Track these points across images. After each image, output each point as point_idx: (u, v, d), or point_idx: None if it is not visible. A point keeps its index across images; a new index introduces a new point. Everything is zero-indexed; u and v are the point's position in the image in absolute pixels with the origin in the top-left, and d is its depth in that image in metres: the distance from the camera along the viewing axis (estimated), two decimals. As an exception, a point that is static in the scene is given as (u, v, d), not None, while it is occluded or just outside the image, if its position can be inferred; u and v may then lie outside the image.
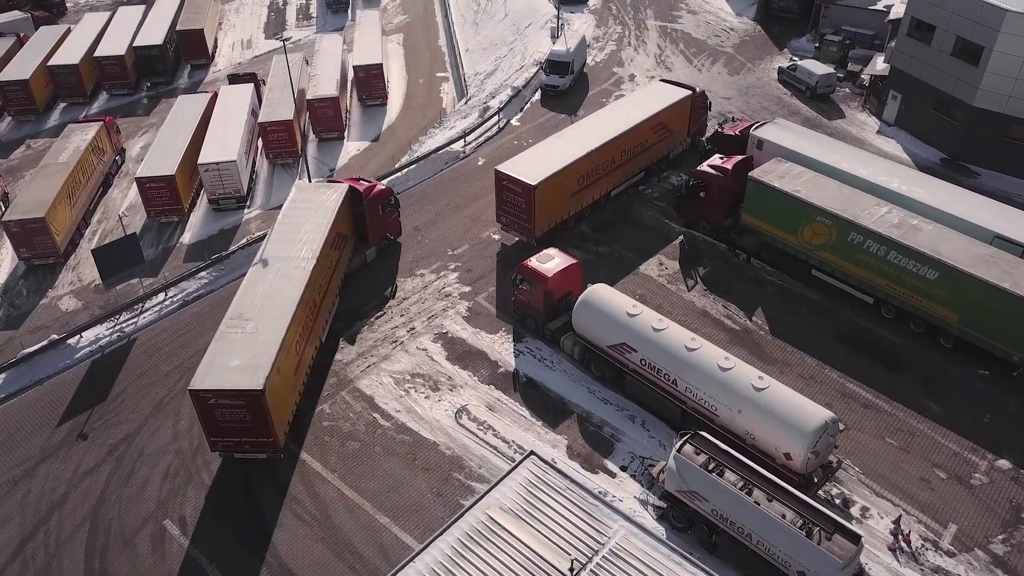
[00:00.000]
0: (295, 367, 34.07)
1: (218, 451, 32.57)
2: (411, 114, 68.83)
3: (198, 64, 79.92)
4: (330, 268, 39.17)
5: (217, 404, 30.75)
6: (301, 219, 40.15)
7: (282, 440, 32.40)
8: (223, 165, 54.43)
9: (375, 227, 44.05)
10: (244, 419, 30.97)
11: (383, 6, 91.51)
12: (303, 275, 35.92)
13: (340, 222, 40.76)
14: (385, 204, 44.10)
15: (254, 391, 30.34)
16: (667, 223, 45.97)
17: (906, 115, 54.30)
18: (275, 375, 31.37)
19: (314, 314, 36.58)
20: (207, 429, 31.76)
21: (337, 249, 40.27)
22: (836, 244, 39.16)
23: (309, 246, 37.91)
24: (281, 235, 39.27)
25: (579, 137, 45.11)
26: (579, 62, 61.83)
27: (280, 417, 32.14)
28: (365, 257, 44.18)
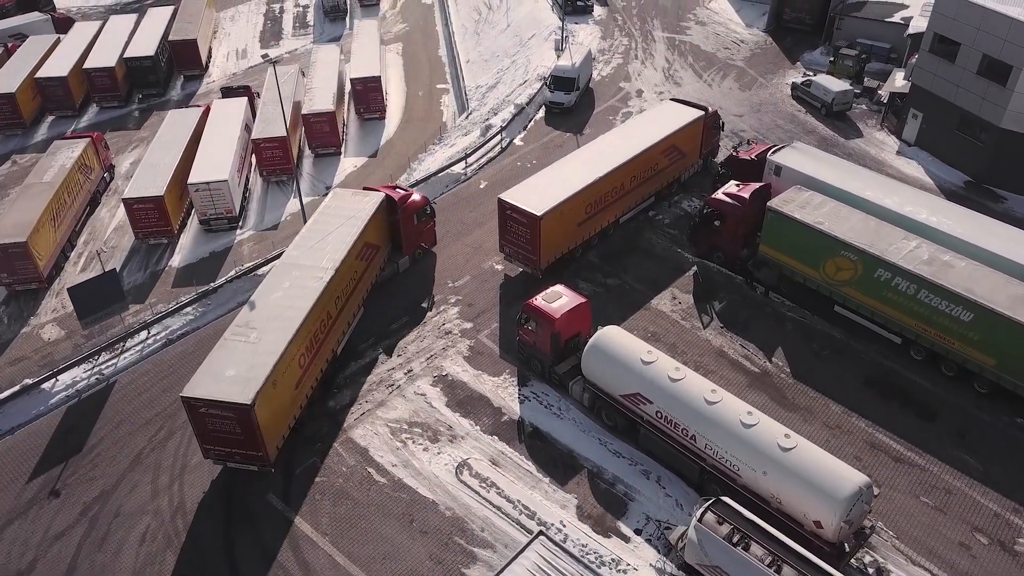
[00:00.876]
0: (296, 381, 32.89)
1: (210, 459, 31.81)
2: (410, 128, 66.54)
3: (191, 75, 77.66)
4: (353, 279, 38.06)
5: (208, 413, 30.05)
6: (329, 226, 39.02)
7: (273, 455, 31.42)
8: (214, 185, 52.24)
9: (409, 237, 42.99)
10: (234, 431, 30.27)
11: (382, 15, 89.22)
12: (318, 286, 34.83)
13: (371, 232, 39.78)
14: (420, 213, 43.07)
15: (242, 405, 29.44)
16: (679, 252, 43.56)
17: (928, 135, 51.90)
18: (269, 389, 30.48)
19: (327, 327, 35.38)
20: (199, 437, 31.17)
21: (364, 260, 39.24)
22: (861, 280, 36.78)
23: (331, 256, 36.77)
24: (305, 242, 38.27)
25: (586, 163, 42.72)
26: (585, 77, 59.45)
27: (273, 432, 31.27)
28: (397, 267, 43.12)
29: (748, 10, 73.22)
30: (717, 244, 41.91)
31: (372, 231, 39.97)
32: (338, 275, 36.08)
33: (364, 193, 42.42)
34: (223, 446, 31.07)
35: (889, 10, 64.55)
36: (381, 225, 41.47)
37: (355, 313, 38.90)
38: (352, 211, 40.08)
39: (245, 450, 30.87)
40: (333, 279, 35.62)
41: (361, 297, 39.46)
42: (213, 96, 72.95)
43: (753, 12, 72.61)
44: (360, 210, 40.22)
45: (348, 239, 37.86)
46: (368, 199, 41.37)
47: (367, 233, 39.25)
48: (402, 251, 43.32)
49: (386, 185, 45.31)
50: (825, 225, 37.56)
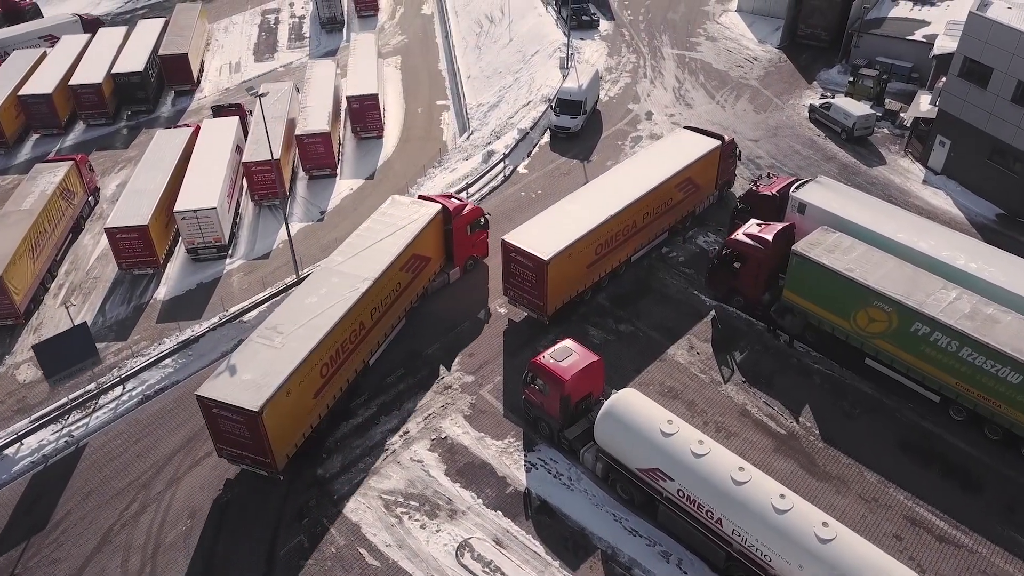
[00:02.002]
0: (316, 390, 32.45)
1: (223, 458, 31.95)
2: (409, 148, 63.75)
3: (182, 90, 74.82)
4: (395, 291, 37.33)
5: (220, 415, 30.22)
6: (379, 234, 38.46)
7: (282, 462, 31.19)
8: (202, 213, 49.55)
9: (461, 247, 42.03)
10: (243, 435, 30.29)
11: (380, 26, 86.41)
12: (353, 296, 34.30)
13: (422, 243, 39.03)
14: (474, 224, 42.17)
15: (250, 411, 29.28)
16: (696, 295, 40.67)
17: (956, 164, 49.03)
18: (282, 397, 30.23)
19: (358, 337, 34.83)
20: (212, 435, 31.41)
21: (410, 271, 38.38)
22: (896, 334, 33.90)
23: (373, 266, 36.16)
24: (352, 248, 37.75)
25: (596, 199, 39.84)
26: (592, 100, 56.56)
27: (283, 440, 31.00)
28: (448, 277, 42.24)
29: (760, 25, 70.34)
30: (737, 287, 39.03)
31: (422, 243, 39.06)
32: (377, 286, 35.41)
33: (420, 203, 41.34)
34: (234, 448, 31.13)
35: (910, 27, 61.69)
36: (434, 237, 40.46)
37: (394, 324, 38.02)
38: (405, 220, 39.18)
39: (254, 455, 30.78)
40: (370, 290, 34.98)
41: (403, 308, 38.50)
42: (205, 112, 70.25)
43: (766, 27, 69.73)
44: (413, 220, 39.22)
45: (394, 250, 37.13)
46: (423, 210, 40.27)
47: (416, 245, 38.44)
48: (453, 261, 42.22)
49: (441, 194, 44.11)
50: (856, 272, 34.67)
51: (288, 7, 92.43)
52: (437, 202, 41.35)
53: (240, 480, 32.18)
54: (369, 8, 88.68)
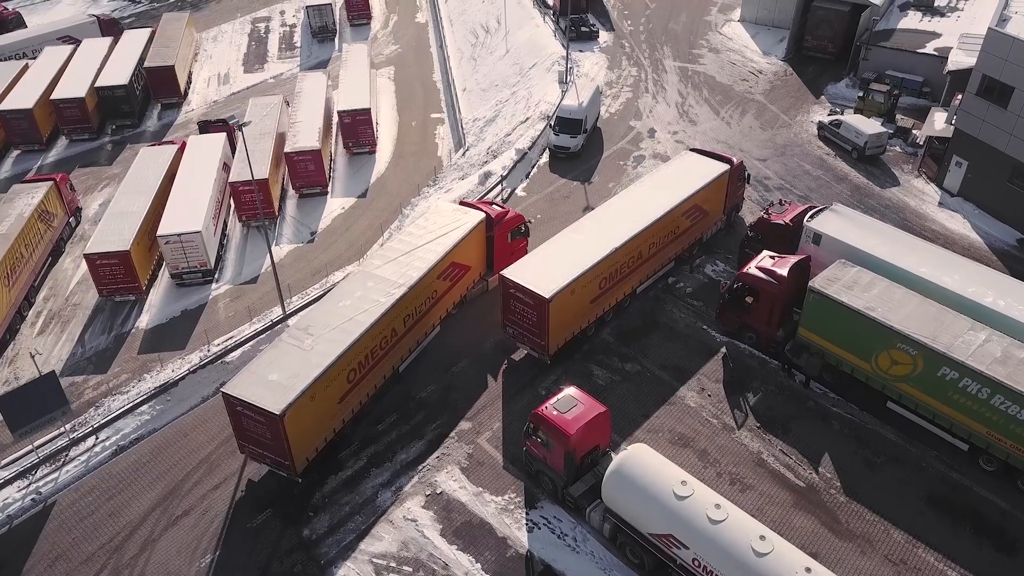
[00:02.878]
0: (341, 396, 32.35)
1: (245, 454, 32.32)
2: (403, 164, 61.58)
3: (169, 104, 72.53)
4: (430, 299, 36.85)
5: (243, 413, 30.40)
6: (420, 240, 37.89)
7: (301, 465, 31.15)
8: (186, 237, 47.51)
9: (501, 255, 40.68)
10: (265, 435, 30.42)
11: (372, 35, 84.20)
12: (386, 302, 34.01)
13: (461, 252, 38.35)
14: (515, 232, 41.18)
15: (272, 414, 29.34)
16: (705, 330, 38.52)
17: (973, 185, 46.98)
18: (306, 401, 30.19)
19: (389, 343, 34.56)
20: (236, 432, 31.70)
21: (447, 279, 37.80)
22: (922, 378, 31.79)
23: (409, 273, 35.70)
24: (391, 252, 37.33)
25: (599, 230, 37.64)
26: (592, 117, 54.36)
27: (304, 443, 30.96)
28: (487, 285, 41.49)
29: (764, 36, 68.22)
30: (749, 324, 36.90)
31: (463, 251, 38.44)
32: (412, 293, 35.06)
33: (464, 210, 40.51)
34: (256, 446, 31.28)
35: (920, 39, 59.64)
36: (475, 246, 39.73)
37: (427, 332, 37.45)
38: (446, 228, 38.55)
39: (274, 455, 30.86)
40: (404, 297, 34.61)
41: (439, 317, 37.89)
42: (192, 127, 68.06)
43: (770, 39, 67.61)
44: (454, 228, 38.53)
45: (431, 258, 36.59)
46: (466, 218, 39.50)
47: (456, 253, 37.84)
48: (492, 269, 40.93)
49: (482, 200, 43.45)
50: (878, 312, 32.54)
51: (279, 15, 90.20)
52: (480, 209, 40.31)
53: (226, 541, 30.01)
54: (362, 16, 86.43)
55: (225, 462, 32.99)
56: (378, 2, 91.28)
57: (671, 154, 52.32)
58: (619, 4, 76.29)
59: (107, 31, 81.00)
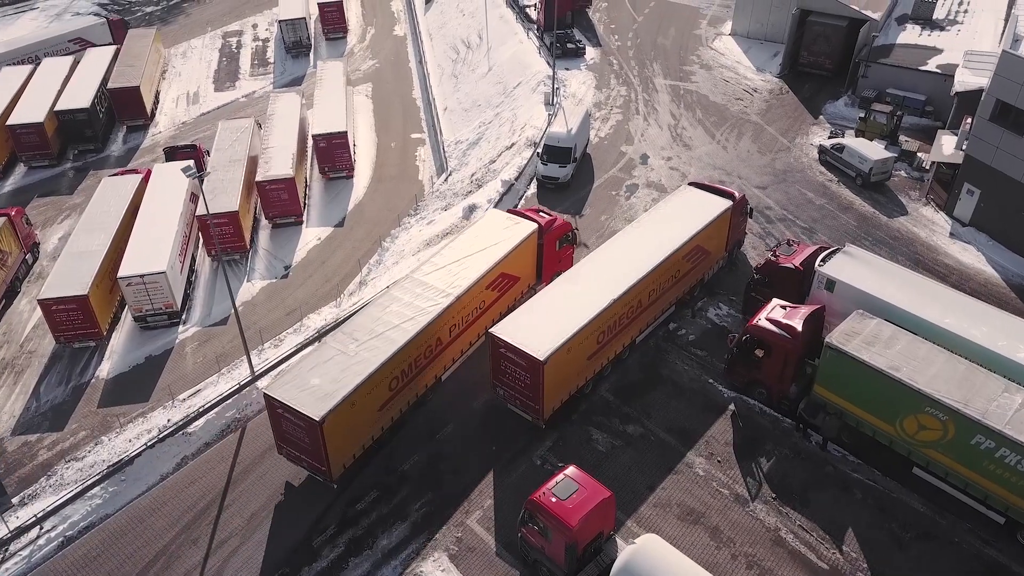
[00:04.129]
0: (382, 403, 32.05)
1: (283, 455, 32.14)
2: (382, 189, 58.55)
3: (135, 125, 68.93)
4: (478, 308, 36.31)
5: (283, 415, 30.37)
6: (471, 249, 37.30)
7: (338, 472, 30.92)
8: (149, 278, 44.47)
9: (549, 263, 40.18)
10: (303, 439, 30.35)
11: (349, 50, 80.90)
12: (434, 310, 33.62)
13: (512, 263, 37.63)
14: (563, 240, 40.50)
15: (312, 419, 29.17)
16: (712, 384, 35.62)
17: (986, 215, 44.44)
18: (346, 408, 30.00)
19: (434, 352, 34.14)
20: (275, 432, 31.63)
21: (496, 290, 37.18)
22: (953, 445, 29.08)
23: (458, 282, 35.24)
24: (442, 260, 36.87)
25: (596, 279, 34.62)
26: (582, 145, 51.36)
27: (342, 450, 30.76)
28: (535, 292, 38.68)
29: (757, 51, 65.58)
30: (759, 379, 34.07)
31: (513, 262, 37.72)
32: (459, 303, 34.54)
33: (515, 220, 39.57)
34: (294, 449, 31.20)
35: (922, 56, 57.17)
36: (526, 257, 38.94)
37: (472, 342, 36.82)
38: (498, 238, 37.94)
39: (311, 460, 30.74)
40: (451, 307, 34.15)
41: (484, 326, 36.58)
42: (159, 151, 64.63)
43: (763, 54, 64.97)
44: (506, 239, 37.91)
45: (482, 267, 36.05)
46: (518, 228, 38.69)
47: (506, 263, 37.14)
48: (541, 277, 40.41)
49: (529, 208, 42.58)
50: (903, 372, 29.76)
51: (251, 29, 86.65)
52: (531, 219, 39.46)
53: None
54: (337, 30, 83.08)
55: (186, 553, 29.72)
56: (354, 15, 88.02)
57: (665, 182, 49.47)
58: (605, 18, 73.45)
59: (116, 32, 79.88)
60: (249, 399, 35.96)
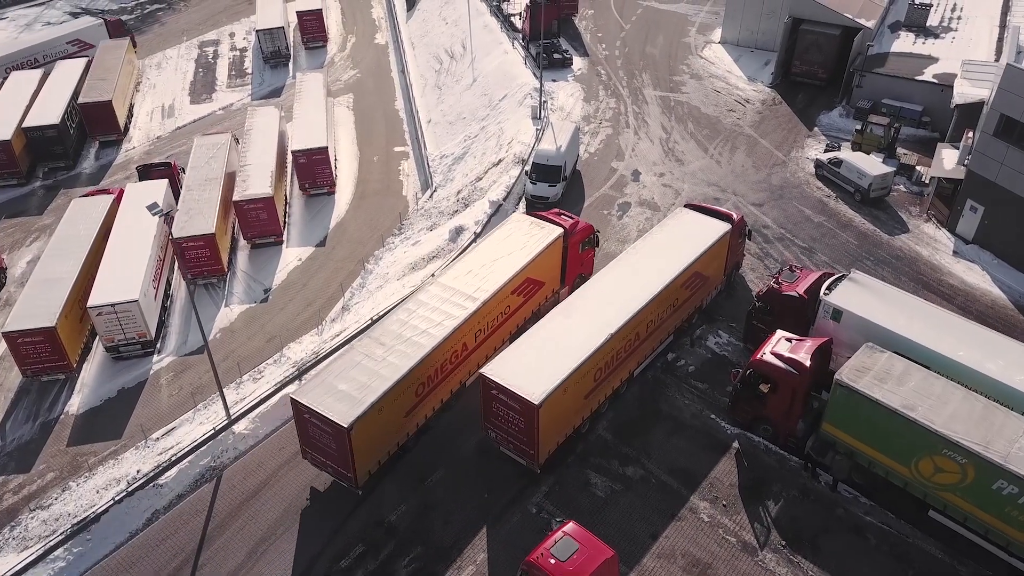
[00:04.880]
0: (408, 408, 31.71)
1: (307, 460, 31.91)
2: (365, 205, 56.66)
3: (108, 141, 66.58)
4: (503, 313, 35.82)
5: (310, 420, 30.12)
6: (499, 253, 36.88)
7: (363, 478, 30.68)
8: (121, 307, 42.54)
9: (572, 266, 39.87)
10: (330, 445, 30.06)
11: (329, 59, 78.78)
12: (462, 315, 33.32)
13: (537, 267, 37.13)
14: (585, 242, 40.06)
15: (340, 426, 28.95)
16: (714, 420, 33.89)
17: (990, 232, 43.04)
18: (374, 414, 29.74)
19: (460, 357, 33.80)
20: (300, 437, 31.40)
21: (522, 295, 36.73)
22: (972, 489, 27.51)
23: (484, 287, 34.84)
24: (470, 265, 36.41)
25: (591, 312, 32.77)
26: (572, 162, 49.53)
27: (368, 455, 30.49)
28: (558, 297, 39.42)
29: (748, 60, 64.05)
30: (764, 416, 32.41)
31: (539, 266, 37.26)
32: (485, 307, 34.17)
33: (541, 224, 38.95)
34: (319, 454, 30.95)
35: (918, 65, 55.78)
36: (552, 261, 38.38)
37: (496, 347, 35.83)
38: (524, 242, 37.52)
39: (337, 466, 30.44)
40: (477, 312, 33.77)
41: (509, 332, 36.46)
42: (133, 168, 62.42)
43: (754, 63, 63.45)
44: (531, 243, 37.44)
45: (508, 272, 35.61)
46: (543, 232, 38.22)
47: (532, 268, 36.71)
48: (565, 282, 39.99)
49: (551, 211, 41.56)
50: (918, 412, 28.16)
51: (228, 39, 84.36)
52: (556, 223, 38.90)
53: None
54: (317, 39, 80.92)
55: (159, 621, 27.82)
56: (335, 23, 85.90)
57: (658, 200, 47.77)
58: (592, 26, 71.73)
59: (113, 32, 78.84)
60: (225, 445, 33.93)
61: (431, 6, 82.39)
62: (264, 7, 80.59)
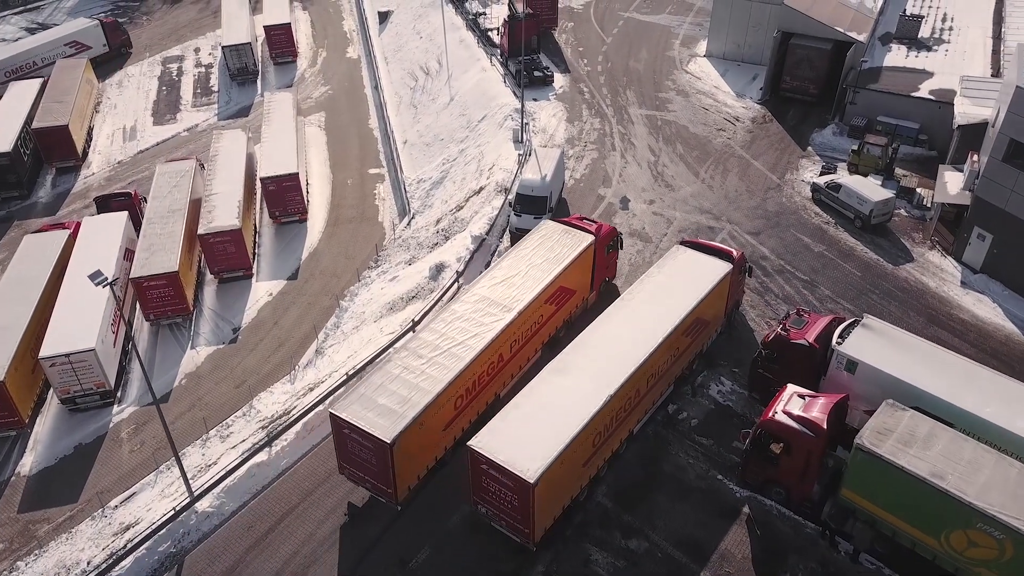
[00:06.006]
0: (447, 423, 31.06)
1: (344, 475, 31.27)
2: (339, 233, 53.86)
3: (65, 167, 63.08)
4: (537, 323, 35.32)
5: (350, 436, 29.46)
6: (531, 262, 36.31)
7: (403, 494, 30.01)
8: (76, 357, 39.54)
9: (599, 271, 39.39)
10: (369, 460, 29.35)
11: (299, 75, 75.62)
12: (499, 325, 32.80)
13: (570, 275, 36.65)
14: (610, 246, 39.65)
15: (382, 441, 28.27)
16: (720, 481, 31.32)
17: (1000, 261, 40.92)
18: (415, 429, 29.04)
19: (495, 369, 33.14)
20: (337, 452, 30.77)
21: (554, 304, 36.22)
22: (1011, 566, 25.16)
23: (519, 296, 34.38)
24: (503, 273, 35.83)
25: (588, 370, 29.96)
26: (558, 191, 46.80)
27: (408, 471, 29.79)
28: (586, 303, 39.42)
29: (735, 74, 61.72)
30: (777, 479, 29.92)
31: (571, 275, 36.74)
32: (520, 318, 33.69)
33: (571, 231, 38.38)
34: (357, 469, 30.33)
35: (913, 80, 53.68)
36: (584, 268, 37.95)
37: (529, 358, 35.60)
38: (555, 250, 37.06)
39: (376, 481, 29.85)
40: (514, 322, 33.31)
41: (541, 342, 36.13)
42: (93, 194, 59.20)
43: (741, 77, 61.12)
44: (563, 251, 36.92)
45: (543, 281, 35.13)
46: (574, 239, 37.69)
47: (565, 277, 36.18)
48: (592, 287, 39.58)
49: (575, 216, 41.06)
50: (949, 481, 25.75)
51: (193, 54, 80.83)
52: (585, 229, 38.29)
53: None
54: (286, 53, 77.61)
55: None
56: (304, 36, 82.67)
57: (650, 230, 45.21)
58: (572, 39, 69.07)
59: (109, 33, 78.77)
60: (187, 526, 30.88)
61: (404, 19, 79.41)
62: (230, 22, 77.23)
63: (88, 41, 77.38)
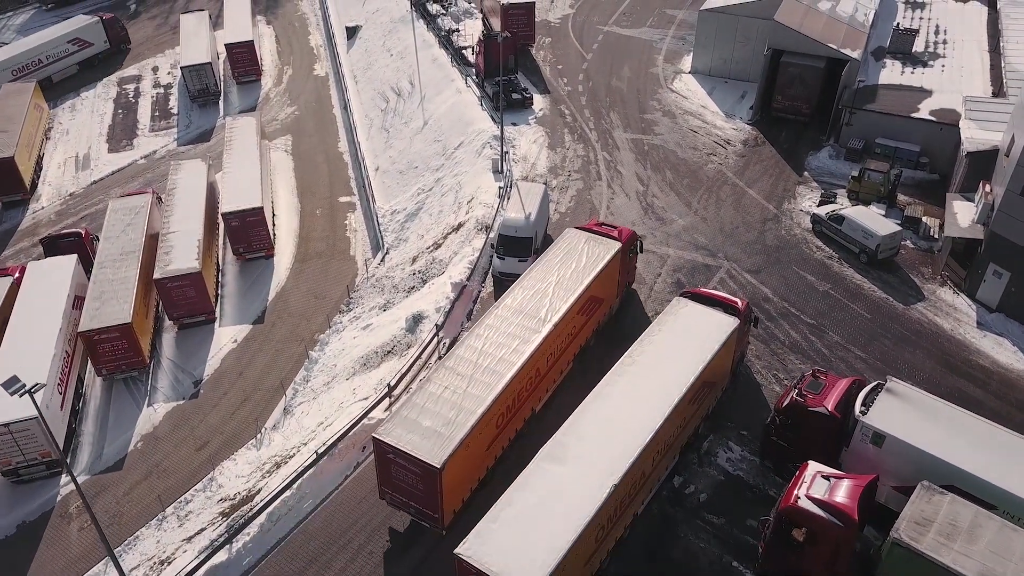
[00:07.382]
0: (489, 442, 30.25)
1: (385, 500, 30.32)
2: (308, 270, 50.49)
3: (11, 202, 58.92)
4: (570, 335, 34.59)
5: (395, 461, 28.52)
6: (560, 273, 35.44)
7: (449, 518, 29.05)
8: (16, 427, 36.44)
9: (621, 276, 38.50)
10: (416, 485, 28.45)
11: (264, 95, 71.70)
12: (538, 338, 31.99)
13: (600, 285, 35.92)
14: (631, 250, 38.80)
15: (430, 467, 27.43)
16: (736, 568, 28.21)
17: (1018, 299, 38.25)
18: (462, 452, 28.17)
19: (533, 384, 32.41)
20: (379, 477, 29.75)
21: (585, 314, 35.44)
22: None
23: (555, 308, 33.55)
24: (533, 284, 35.03)
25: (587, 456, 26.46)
26: (543, 230, 43.41)
27: (455, 494, 28.97)
28: (611, 309, 38.56)
29: (722, 92, 58.68)
30: (802, 571, 26.82)
31: (600, 284, 35.98)
32: (556, 330, 32.91)
33: (596, 239, 37.52)
34: (401, 495, 29.42)
35: (911, 99, 50.99)
36: (612, 276, 37.16)
37: (563, 370, 35.05)
38: (583, 259, 36.18)
39: (422, 507, 29.05)
40: (550, 334, 32.55)
41: (573, 354, 35.50)
42: (44, 230, 55.29)
43: (729, 96, 58.09)
44: (591, 260, 36.13)
45: (575, 292, 34.33)
46: (600, 247, 36.93)
47: (595, 286, 35.45)
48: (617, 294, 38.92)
49: (593, 222, 40.21)
50: (1002, 584, 22.96)
51: (150, 74, 76.54)
52: (610, 237, 37.54)
53: None
54: (249, 72, 73.51)
55: None
56: (269, 53, 78.60)
57: (641, 269, 42.00)
58: (551, 56, 65.69)
59: (109, 30, 77.63)
60: (427, 377, 29.61)
61: (373, 34, 75.64)
62: (189, 40, 73.06)
63: (90, 38, 76.38)
